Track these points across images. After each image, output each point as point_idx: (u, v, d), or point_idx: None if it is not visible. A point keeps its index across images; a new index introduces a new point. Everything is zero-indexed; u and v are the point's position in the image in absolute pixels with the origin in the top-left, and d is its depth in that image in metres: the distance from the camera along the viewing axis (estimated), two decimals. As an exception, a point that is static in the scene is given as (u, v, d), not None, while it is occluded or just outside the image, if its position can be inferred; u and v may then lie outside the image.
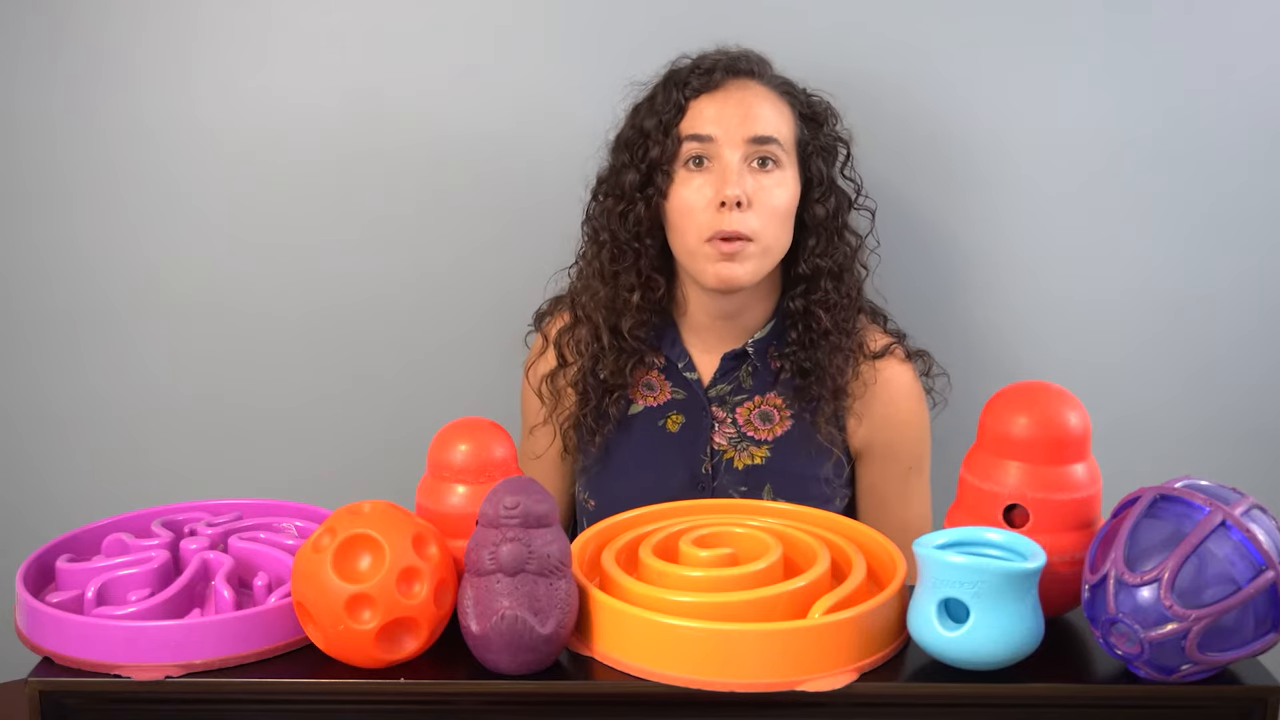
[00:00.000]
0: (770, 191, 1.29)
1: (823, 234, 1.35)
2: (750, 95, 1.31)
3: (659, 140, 1.31)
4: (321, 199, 1.54)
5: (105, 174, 1.54)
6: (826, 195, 1.34)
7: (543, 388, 1.42)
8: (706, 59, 1.34)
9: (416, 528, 0.92)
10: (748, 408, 1.38)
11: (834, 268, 1.35)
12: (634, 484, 1.38)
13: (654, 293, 1.35)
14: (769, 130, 1.29)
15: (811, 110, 1.36)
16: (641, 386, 1.40)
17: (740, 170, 1.28)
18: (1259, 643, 0.86)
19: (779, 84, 1.34)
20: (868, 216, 1.41)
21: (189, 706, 0.92)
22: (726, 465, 1.37)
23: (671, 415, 1.39)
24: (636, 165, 1.32)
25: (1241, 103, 1.47)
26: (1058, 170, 1.50)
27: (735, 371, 1.38)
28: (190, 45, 1.50)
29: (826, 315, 1.34)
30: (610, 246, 1.35)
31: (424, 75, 1.51)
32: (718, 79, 1.31)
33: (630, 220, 1.33)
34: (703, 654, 0.88)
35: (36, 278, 1.57)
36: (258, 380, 1.60)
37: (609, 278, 1.35)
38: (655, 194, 1.31)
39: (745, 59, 1.34)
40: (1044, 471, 0.94)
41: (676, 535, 1.03)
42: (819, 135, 1.35)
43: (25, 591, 0.96)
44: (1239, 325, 1.54)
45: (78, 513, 1.22)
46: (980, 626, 0.87)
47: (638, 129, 1.33)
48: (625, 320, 1.35)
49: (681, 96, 1.31)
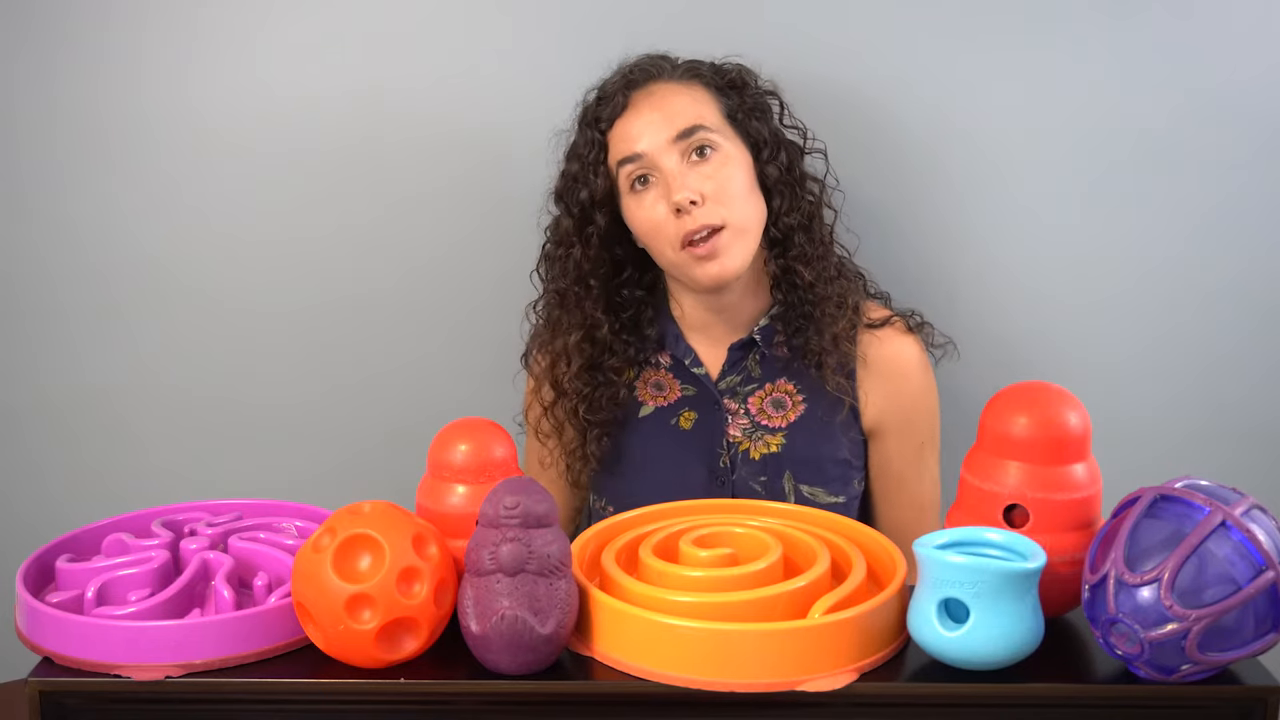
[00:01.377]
0: (719, 176, 1.27)
1: (784, 191, 1.33)
2: (658, 97, 1.30)
3: (587, 181, 1.32)
4: (321, 197, 1.54)
5: (104, 172, 1.54)
6: (775, 153, 1.33)
7: (542, 426, 1.42)
8: (606, 85, 1.34)
9: (416, 528, 0.92)
10: (759, 396, 1.37)
11: (803, 220, 1.34)
12: (651, 486, 1.37)
13: (598, 331, 1.35)
14: (690, 120, 1.28)
15: (726, 79, 1.34)
16: (650, 388, 1.40)
17: (682, 170, 1.27)
18: (1259, 643, 0.86)
19: (683, 72, 1.33)
20: (821, 157, 1.39)
21: (189, 706, 0.92)
22: (743, 457, 1.37)
23: (684, 413, 1.39)
24: (570, 211, 1.34)
25: (1242, 102, 1.47)
26: (1058, 170, 1.50)
27: (743, 361, 1.38)
28: (189, 42, 1.50)
29: (806, 269, 1.33)
30: (553, 292, 1.38)
31: (423, 71, 1.50)
32: (622, 100, 1.31)
33: (570, 265, 1.35)
34: (703, 654, 0.89)
35: (36, 276, 1.57)
36: (258, 380, 1.59)
37: (551, 323, 1.38)
38: (594, 233, 1.33)
39: (641, 67, 1.33)
40: (1044, 471, 0.94)
41: (676, 535, 1.04)
42: (744, 99, 1.33)
43: (25, 591, 0.96)
44: (1239, 325, 1.53)
45: (78, 513, 1.22)
46: (980, 626, 0.87)
47: (566, 176, 1.35)
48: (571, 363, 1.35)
49: (597, 132, 1.32)
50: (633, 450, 1.40)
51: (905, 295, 1.49)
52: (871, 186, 1.42)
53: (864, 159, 1.41)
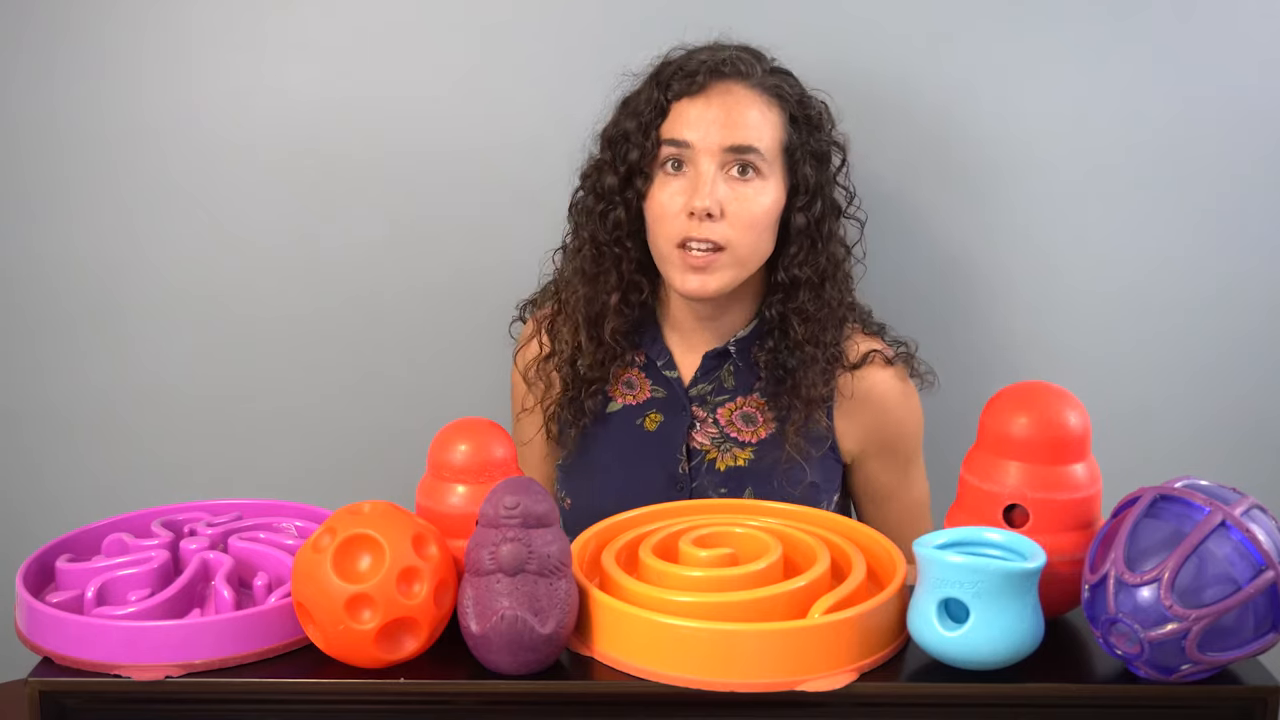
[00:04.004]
0: (747, 201, 1.25)
1: (804, 242, 1.30)
2: (734, 100, 1.26)
3: (639, 143, 1.28)
4: (322, 198, 1.54)
5: (105, 173, 1.53)
6: (811, 203, 1.30)
7: (530, 373, 1.40)
8: (693, 58, 1.29)
9: (416, 528, 0.92)
10: (729, 408, 1.36)
11: (813, 278, 1.31)
12: (608, 482, 1.36)
13: (636, 294, 1.34)
14: (750, 139, 1.25)
15: (804, 113, 1.30)
16: (621, 385, 1.39)
17: (715, 180, 1.24)
18: (1259, 643, 0.86)
19: (770, 85, 1.29)
20: (857, 226, 1.38)
21: (189, 706, 0.92)
22: (708, 466, 1.35)
23: (650, 414, 1.37)
24: (616, 167, 1.30)
25: (1243, 103, 1.47)
26: (1058, 171, 1.50)
27: (717, 371, 1.36)
28: (191, 46, 1.50)
29: (802, 326, 1.30)
30: (591, 246, 1.33)
31: (424, 74, 1.50)
32: (701, 81, 1.26)
33: (609, 223, 1.31)
34: (703, 654, 0.89)
35: (36, 277, 1.57)
36: (258, 380, 1.59)
37: (590, 277, 1.34)
38: (635, 196, 1.30)
39: (733, 60, 1.28)
40: (1044, 471, 0.94)
41: (676, 535, 1.03)
42: (810, 140, 1.30)
43: (25, 591, 0.96)
44: (1239, 325, 1.53)
45: (78, 513, 1.22)
46: (980, 626, 0.87)
47: (620, 129, 1.31)
48: (606, 322, 1.33)
49: (664, 98, 1.27)
50: (595, 444, 1.38)
51: (904, 296, 1.49)
52: (870, 185, 1.41)
53: (864, 157, 1.41)
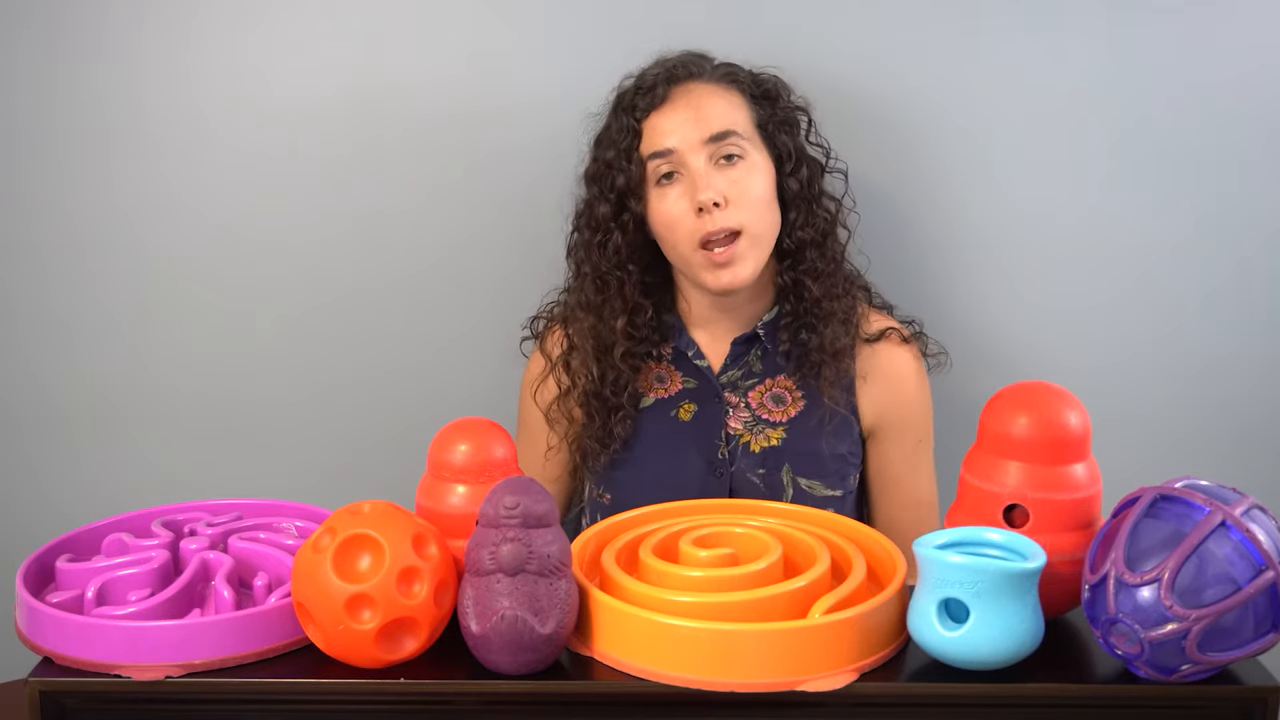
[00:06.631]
0: (744, 182, 1.30)
1: (801, 206, 1.36)
2: (696, 97, 1.32)
3: (623, 168, 1.33)
4: (321, 196, 1.54)
5: (104, 171, 1.53)
6: (798, 167, 1.36)
7: (550, 411, 1.43)
8: (646, 76, 1.35)
9: (416, 528, 0.92)
10: (759, 391, 1.39)
11: (816, 236, 1.37)
12: (649, 475, 1.39)
13: (642, 316, 1.37)
14: (724, 125, 1.30)
15: (762, 89, 1.36)
16: (652, 379, 1.42)
17: (709, 172, 1.30)
18: (1259, 643, 0.86)
19: (722, 75, 1.35)
20: (841, 178, 1.42)
21: (189, 706, 0.92)
22: (743, 449, 1.38)
23: (684, 405, 1.40)
24: (606, 196, 1.35)
25: (1242, 101, 1.47)
26: (1057, 169, 1.50)
27: (745, 356, 1.40)
28: (188, 42, 1.50)
29: (815, 284, 1.36)
30: (593, 278, 1.38)
31: (425, 69, 1.50)
32: (661, 93, 1.33)
33: (609, 249, 1.36)
34: (703, 654, 0.89)
35: (36, 276, 1.57)
36: (257, 379, 1.59)
37: (594, 307, 1.38)
38: (630, 219, 1.34)
39: (683, 64, 1.35)
40: (1044, 471, 0.94)
41: (676, 535, 1.04)
42: (776, 110, 1.36)
43: (25, 591, 0.96)
44: (1239, 325, 1.54)
45: (78, 513, 1.22)
46: (980, 626, 0.87)
47: (600, 161, 1.36)
48: (616, 347, 1.37)
49: (633, 120, 1.33)
50: (633, 442, 1.41)
51: (904, 296, 1.49)
52: (868, 185, 1.42)
53: (858, 158, 1.41)
